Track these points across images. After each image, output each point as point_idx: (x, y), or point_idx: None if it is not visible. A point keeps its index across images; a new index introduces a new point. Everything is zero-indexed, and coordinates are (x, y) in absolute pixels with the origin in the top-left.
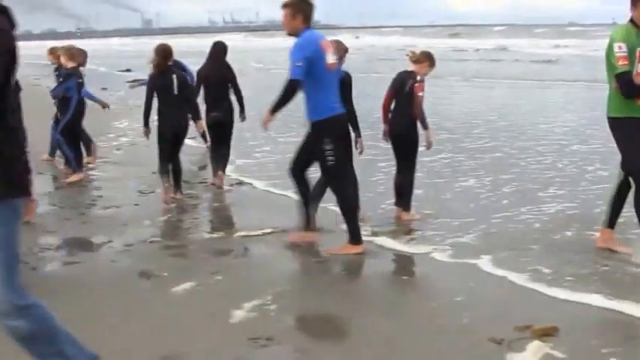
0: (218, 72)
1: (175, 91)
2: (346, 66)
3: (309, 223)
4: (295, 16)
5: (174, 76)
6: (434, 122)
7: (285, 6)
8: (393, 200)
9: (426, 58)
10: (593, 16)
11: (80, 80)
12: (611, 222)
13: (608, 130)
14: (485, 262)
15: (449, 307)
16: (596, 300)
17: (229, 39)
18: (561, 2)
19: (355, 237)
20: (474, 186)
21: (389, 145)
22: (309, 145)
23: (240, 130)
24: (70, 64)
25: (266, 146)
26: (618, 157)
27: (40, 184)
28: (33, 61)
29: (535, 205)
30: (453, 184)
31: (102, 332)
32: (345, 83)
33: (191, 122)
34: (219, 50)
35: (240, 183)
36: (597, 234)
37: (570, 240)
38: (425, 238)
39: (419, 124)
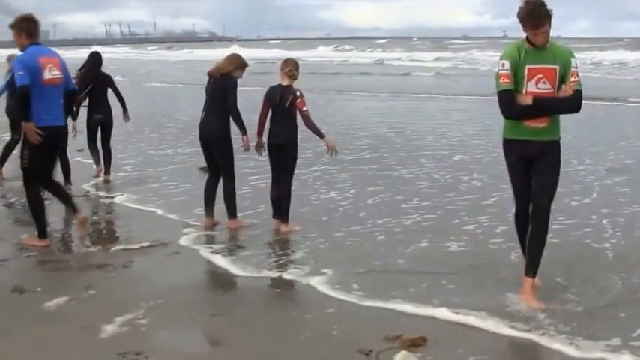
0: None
1: None
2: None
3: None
4: (20, 34)
5: None
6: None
7: (11, 27)
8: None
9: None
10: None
11: None
12: None
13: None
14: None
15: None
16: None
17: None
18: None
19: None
20: (334, 198)
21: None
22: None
23: None
24: None
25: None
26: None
27: None
28: None
29: (394, 216)
30: (314, 195)
31: None
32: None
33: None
34: (97, 58)
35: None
36: (450, 244)
37: (416, 253)
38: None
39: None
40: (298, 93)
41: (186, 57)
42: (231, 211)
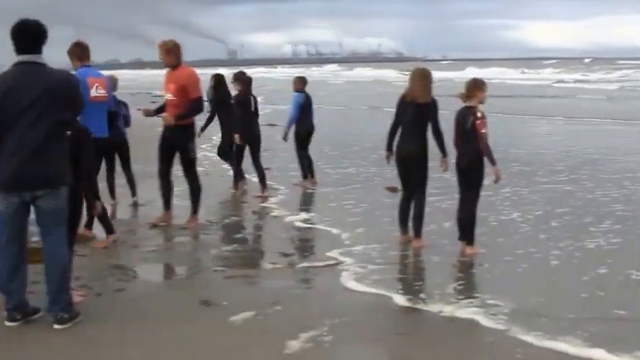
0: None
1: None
2: None
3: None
4: (71, 57)
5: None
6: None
7: (67, 52)
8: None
9: (474, 88)
10: None
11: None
12: None
13: None
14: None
15: None
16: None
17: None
18: None
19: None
20: (515, 219)
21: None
22: None
23: None
24: None
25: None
26: None
27: (112, 210)
28: (121, 91)
29: (577, 239)
30: (493, 216)
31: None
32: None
33: None
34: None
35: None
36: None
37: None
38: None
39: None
40: (479, 114)
41: (370, 76)
42: (418, 231)
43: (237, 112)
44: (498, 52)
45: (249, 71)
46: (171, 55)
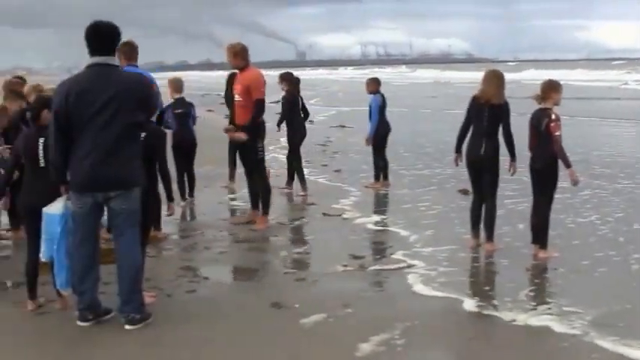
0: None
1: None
2: None
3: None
4: (119, 56)
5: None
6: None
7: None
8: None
9: (549, 89)
10: None
11: (178, 111)
12: None
13: None
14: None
15: None
16: None
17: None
18: None
19: None
20: (593, 222)
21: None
22: None
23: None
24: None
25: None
26: None
27: (186, 212)
28: (189, 92)
29: None
30: (570, 218)
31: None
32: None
33: None
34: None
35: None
36: None
37: None
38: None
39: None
40: (553, 116)
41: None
42: (490, 234)
43: (284, 112)
44: (568, 53)
45: (315, 72)
46: (239, 57)
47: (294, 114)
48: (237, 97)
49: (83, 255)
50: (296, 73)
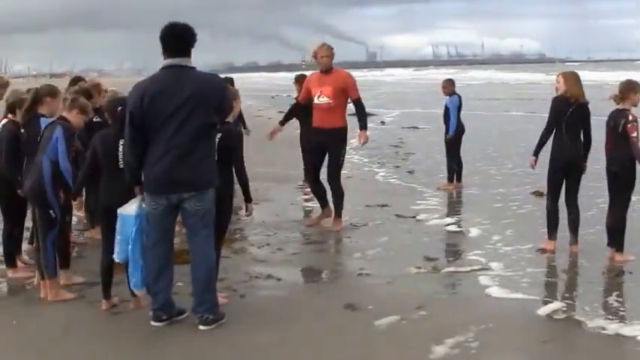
0: None
1: None
2: None
3: None
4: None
5: None
6: None
7: None
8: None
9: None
10: None
11: None
12: None
13: None
14: None
15: None
16: None
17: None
18: None
19: None
20: None
21: None
22: None
23: None
24: None
25: None
26: None
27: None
28: (257, 93)
29: None
30: None
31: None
32: None
33: None
34: None
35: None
36: None
37: None
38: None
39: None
40: (630, 117)
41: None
42: (574, 237)
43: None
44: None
45: (382, 73)
46: (332, 58)
47: (308, 114)
48: (325, 100)
49: (157, 255)
50: (366, 73)
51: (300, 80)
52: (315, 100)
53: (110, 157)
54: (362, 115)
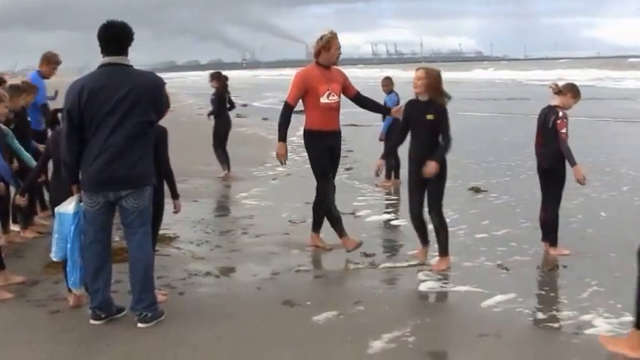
0: None
1: None
2: None
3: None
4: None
5: None
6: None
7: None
8: None
9: (569, 90)
10: None
11: None
12: None
13: None
14: None
15: None
16: None
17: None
18: None
19: None
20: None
21: None
22: None
23: None
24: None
25: None
26: None
27: (196, 210)
28: (198, 92)
29: None
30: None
31: (241, 358)
32: None
33: None
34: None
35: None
36: None
37: None
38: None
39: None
40: (561, 114)
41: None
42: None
43: (215, 106)
44: (580, 51)
45: None
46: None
47: (223, 108)
48: (335, 98)
49: (95, 254)
50: None
51: (215, 77)
52: (324, 100)
53: (59, 154)
54: (373, 102)
